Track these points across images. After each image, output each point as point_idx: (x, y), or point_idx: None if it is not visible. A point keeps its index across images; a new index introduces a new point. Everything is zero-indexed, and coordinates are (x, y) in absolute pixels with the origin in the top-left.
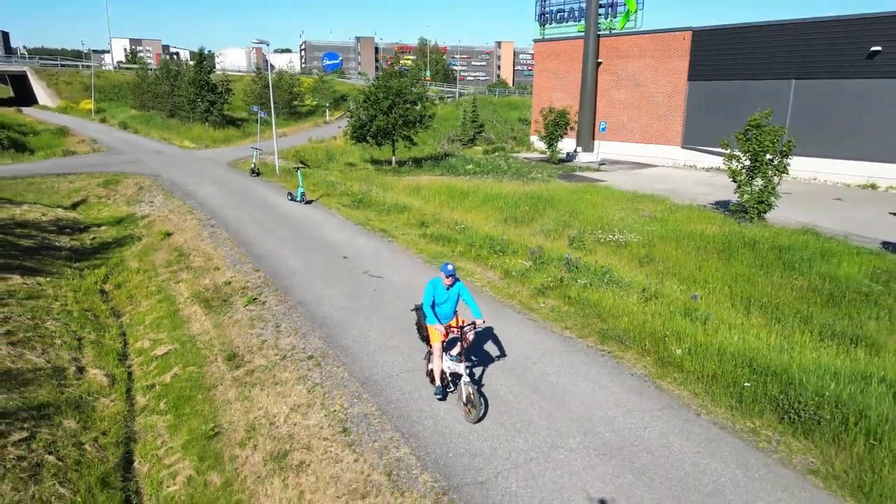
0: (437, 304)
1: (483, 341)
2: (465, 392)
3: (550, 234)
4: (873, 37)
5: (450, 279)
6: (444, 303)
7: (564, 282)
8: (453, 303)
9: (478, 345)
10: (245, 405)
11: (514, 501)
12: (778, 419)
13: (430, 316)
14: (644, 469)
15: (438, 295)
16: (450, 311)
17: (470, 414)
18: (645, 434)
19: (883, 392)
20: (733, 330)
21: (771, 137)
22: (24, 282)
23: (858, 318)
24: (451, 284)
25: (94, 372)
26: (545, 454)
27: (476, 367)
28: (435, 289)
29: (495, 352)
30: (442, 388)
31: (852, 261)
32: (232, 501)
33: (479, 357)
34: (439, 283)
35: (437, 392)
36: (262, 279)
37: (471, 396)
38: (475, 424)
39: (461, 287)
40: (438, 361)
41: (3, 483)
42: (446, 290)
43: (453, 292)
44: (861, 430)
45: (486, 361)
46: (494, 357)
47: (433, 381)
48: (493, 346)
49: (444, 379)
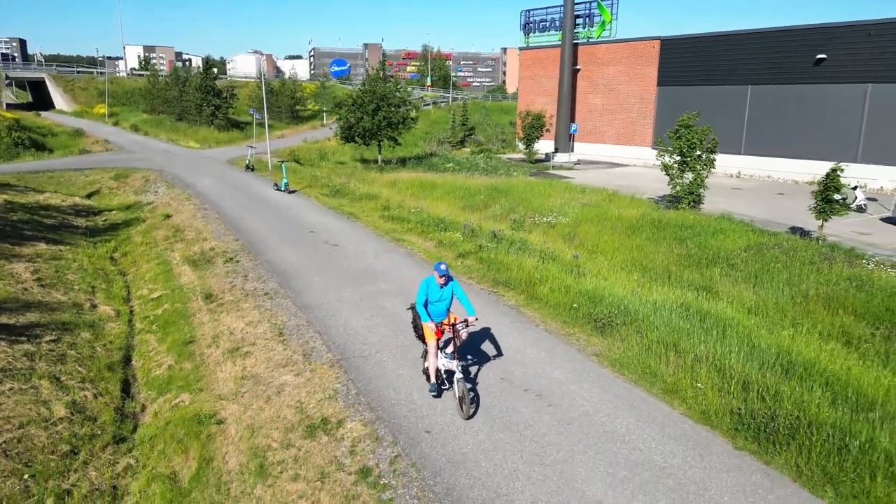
0: (430, 303)
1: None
2: (459, 390)
3: (498, 218)
4: (819, 45)
5: (443, 278)
6: (438, 301)
7: (483, 248)
8: (447, 301)
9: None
10: (214, 324)
11: (383, 367)
12: (592, 328)
13: (424, 314)
14: (488, 348)
15: (432, 294)
16: (443, 309)
17: (463, 411)
18: (496, 335)
19: (668, 311)
20: (604, 280)
21: (699, 136)
22: (48, 248)
23: (710, 275)
24: (445, 284)
25: (103, 307)
26: (416, 343)
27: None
28: (428, 288)
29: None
30: (437, 386)
31: (737, 237)
32: (198, 376)
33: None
34: (432, 282)
35: (431, 389)
36: (240, 246)
37: (464, 394)
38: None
39: (454, 286)
40: (433, 359)
41: (39, 362)
42: (439, 289)
43: (446, 291)
44: (634, 329)
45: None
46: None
47: (428, 378)
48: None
49: (438, 376)
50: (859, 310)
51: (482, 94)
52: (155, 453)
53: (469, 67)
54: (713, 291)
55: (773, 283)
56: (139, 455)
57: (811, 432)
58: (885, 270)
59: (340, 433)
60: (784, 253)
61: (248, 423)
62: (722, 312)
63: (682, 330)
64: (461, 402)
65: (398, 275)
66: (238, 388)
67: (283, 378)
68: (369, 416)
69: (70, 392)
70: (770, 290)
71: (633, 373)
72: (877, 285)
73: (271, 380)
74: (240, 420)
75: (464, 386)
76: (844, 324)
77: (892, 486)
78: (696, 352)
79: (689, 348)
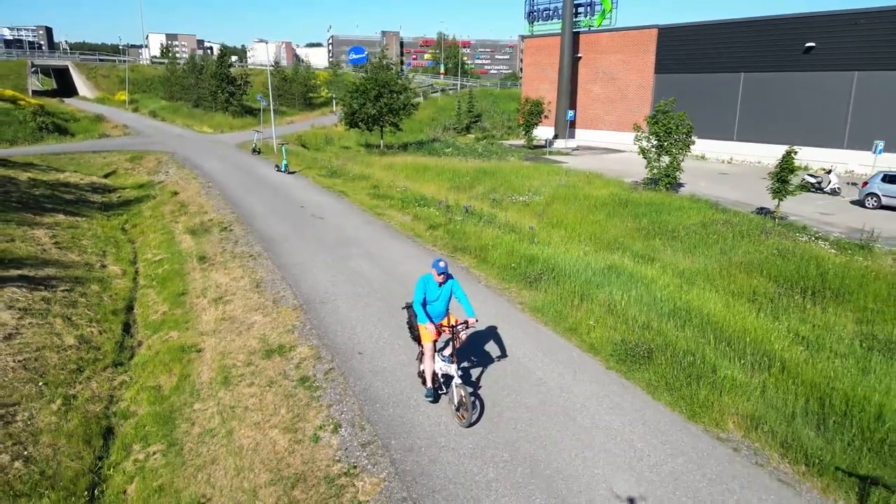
0: (428, 303)
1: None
2: (458, 395)
3: (480, 197)
4: (808, 33)
5: (442, 276)
6: (436, 301)
7: (452, 221)
8: (445, 301)
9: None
10: (204, 279)
11: (337, 310)
12: (523, 283)
13: (422, 315)
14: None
15: (430, 292)
16: (442, 309)
17: (462, 419)
18: None
19: (592, 271)
20: (550, 248)
21: (675, 122)
22: (66, 219)
23: (652, 245)
24: (444, 281)
25: (112, 267)
26: (373, 293)
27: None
28: (426, 286)
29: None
30: (433, 391)
31: (693, 215)
32: (186, 319)
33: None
34: (430, 280)
35: (428, 394)
36: (235, 218)
37: (463, 400)
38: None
39: (454, 284)
40: (430, 362)
41: (54, 305)
42: (438, 287)
43: (445, 290)
44: (555, 283)
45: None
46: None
47: (424, 382)
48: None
49: (435, 381)
50: (774, 273)
51: (495, 82)
52: (145, 373)
53: (487, 55)
54: (651, 259)
55: (707, 252)
56: (132, 374)
57: (666, 356)
58: (815, 243)
59: (291, 355)
60: (727, 227)
61: (221, 351)
62: (640, 272)
63: (593, 283)
64: (460, 407)
65: (370, 242)
66: (217, 327)
67: (254, 318)
68: (316, 343)
69: (79, 328)
70: (702, 258)
71: (546, 316)
72: (798, 254)
73: (244, 319)
74: (215, 348)
75: (463, 391)
76: (757, 285)
77: (712, 390)
78: (600, 300)
79: (596, 298)
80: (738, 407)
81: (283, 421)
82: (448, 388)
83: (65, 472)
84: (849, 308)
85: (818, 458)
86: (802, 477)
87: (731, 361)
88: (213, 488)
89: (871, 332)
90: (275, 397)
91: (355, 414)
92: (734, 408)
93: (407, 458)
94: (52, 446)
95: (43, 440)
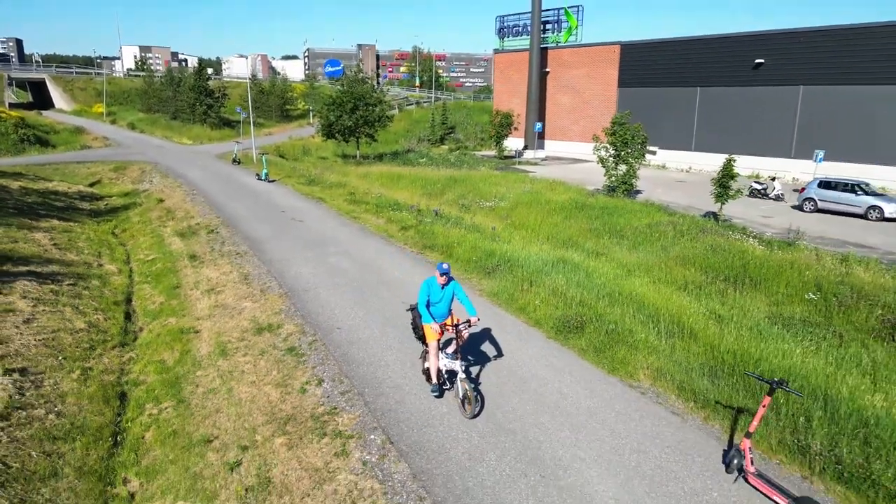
0: (431, 304)
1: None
2: (462, 389)
3: (450, 202)
4: (758, 51)
5: (444, 278)
6: (439, 302)
7: (422, 223)
8: (448, 302)
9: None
10: (196, 275)
11: (318, 296)
12: (483, 273)
13: (426, 315)
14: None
15: (433, 294)
16: (444, 310)
17: (466, 411)
18: (399, 273)
19: (542, 262)
20: (508, 244)
21: (631, 133)
22: (60, 223)
23: (602, 243)
24: (446, 284)
25: (108, 266)
26: (350, 283)
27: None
28: (429, 288)
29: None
30: (438, 386)
31: (643, 217)
32: (182, 307)
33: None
34: (434, 283)
35: (433, 390)
36: (220, 221)
37: (468, 394)
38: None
39: (455, 286)
40: (434, 360)
41: (62, 296)
42: (441, 289)
43: (447, 291)
44: (510, 272)
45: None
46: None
47: (429, 378)
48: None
49: (440, 377)
50: (705, 265)
51: (469, 95)
52: (150, 351)
53: (462, 68)
54: (599, 254)
55: (649, 248)
56: (138, 352)
57: (595, 326)
58: (745, 240)
59: (279, 331)
60: (671, 228)
61: (217, 331)
62: (585, 264)
63: (542, 272)
64: (464, 401)
65: (347, 242)
66: (211, 312)
67: (244, 304)
68: (300, 322)
69: (86, 315)
70: (644, 253)
71: (500, 299)
72: (727, 250)
73: (236, 305)
74: (211, 329)
75: (467, 385)
76: (689, 275)
77: (629, 351)
78: (546, 285)
79: (543, 283)
80: (649, 363)
81: (274, 379)
82: (453, 383)
83: (90, 423)
84: (764, 293)
85: (704, 396)
86: (690, 410)
87: (649, 330)
88: (218, 429)
89: (779, 312)
90: (267, 363)
91: (336, 372)
92: (646, 363)
93: (378, 400)
94: (76, 405)
95: (69, 400)
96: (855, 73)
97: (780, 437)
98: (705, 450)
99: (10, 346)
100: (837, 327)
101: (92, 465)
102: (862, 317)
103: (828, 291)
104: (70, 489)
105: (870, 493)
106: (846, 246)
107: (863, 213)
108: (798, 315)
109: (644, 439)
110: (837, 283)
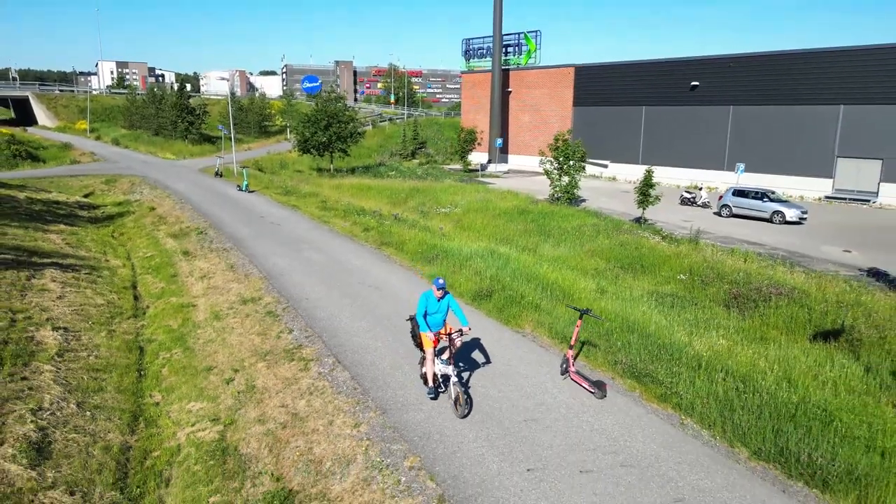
0: (428, 314)
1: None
2: (455, 392)
3: (411, 209)
4: (694, 74)
5: (440, 292)
6: (436, 313)
7: (382, 225)
8: (443, 313)
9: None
10: (190, 266)
11: (292, 278)
12: (424, 262)
13: (423, 325)
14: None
15: (430, 306)
16: (440, 320)
17: (457, 411)
18: (376, 271)
19: (474, 252)
20: (458, 242)
21: (572, 149)
22: (67, 227)
23: (533, 241)
24: (442, 297)
25: (114, 261)
26: (318, 271)
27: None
28: (427, 300)
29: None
30: (434, 389)
31: (574, 220)
32: (180, 290)
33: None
34: (431, 296)
35: (429, 392)
36: (208, 225)
37: (459, 397)
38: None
39: (450, 299)
40: (431, 365)
41: (82, 282)
42: (437, 301)
43: (443, 304)
44: (446, 260)
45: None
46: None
47: (426, 382)
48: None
49: (436, 381)
50: (610, 256)
51: (441, 111)
52: (158, 320)
53: (438, 84)
54: (528, 249)
55: (570, 245)
56: (149, 321)
57: (501, 294)
58: (650, 238)
59: (260, 302)
60: (594, 229)
61: (210, 304)
62: (507, 254)
63: (472, 260)
64: (456, 402)
65: (317, 241)
66: (205, 292)
67: (232, 285)
68: (277, 295)
69: (104, 296)
70: (564, 248)
71: None
72: (632, 244)
73: (224, 287)
74: (205, 303)
75: (459, 389)
76: (596, 264)
77: (522, 309)
78: (471, 268)
79: (469, 267)
80: (535, 318)
81: (257, 331)
82: (447, 386)
83: (121, 362)
84: (650, 276)
85: (562, 334)
86: (552, 344)
87: (541, 296)
88: (216, 363)
89: (656, 289)
90: (251, 322)
91: (303, 325)
92: (532, 318)
93: (332, 340)
94: (108, 352)
95: (102, 349)
96: (777, 95)
97: (605, 357)
98: (554, 362)
99: (52, 313)
100: (696, 299)
101: (126, 385)
102: (716, 291)
103: (696, 274)
104: (113, 399)
105: (648, 383)
106: (742, 244)
107: (769, 217)
108: (669, 291)
109: (513, 359)
110: (706, 268)
